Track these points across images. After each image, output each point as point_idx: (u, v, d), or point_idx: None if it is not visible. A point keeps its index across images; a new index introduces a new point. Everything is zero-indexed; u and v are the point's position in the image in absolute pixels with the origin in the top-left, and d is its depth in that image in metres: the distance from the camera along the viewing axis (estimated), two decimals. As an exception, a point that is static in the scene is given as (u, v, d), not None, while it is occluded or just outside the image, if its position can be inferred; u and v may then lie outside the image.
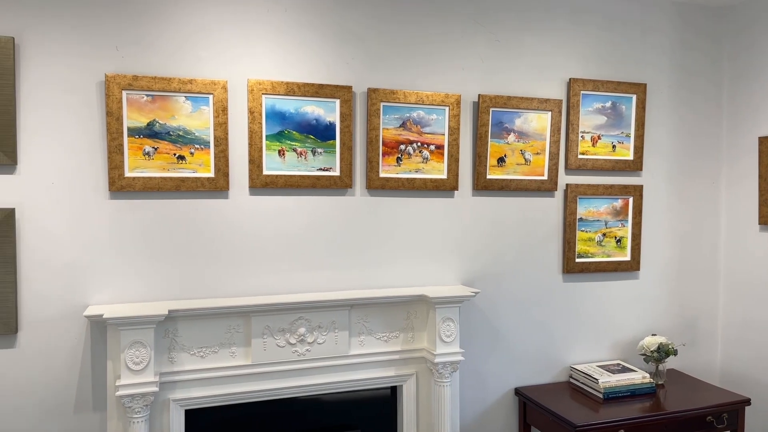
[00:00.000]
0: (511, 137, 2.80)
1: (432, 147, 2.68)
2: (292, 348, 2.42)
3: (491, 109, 2.74)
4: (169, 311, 2.17)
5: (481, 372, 2.82)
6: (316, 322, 2.44)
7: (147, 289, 2.32)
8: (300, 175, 2.49)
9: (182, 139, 2.33)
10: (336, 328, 2.47)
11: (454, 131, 2.69)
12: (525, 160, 2.83)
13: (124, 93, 2.24)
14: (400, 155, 2.63)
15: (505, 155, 2.80)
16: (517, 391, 2.87)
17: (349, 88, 2.53)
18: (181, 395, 2.28)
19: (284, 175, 2.47)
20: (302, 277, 2.53)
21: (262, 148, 2.43)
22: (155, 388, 2.14)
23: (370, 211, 2.62)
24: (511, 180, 2.80)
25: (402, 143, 2.63)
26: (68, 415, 2.24)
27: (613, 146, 2.99)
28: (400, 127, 2.63)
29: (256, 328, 2.36)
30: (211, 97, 2.35)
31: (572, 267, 2.94)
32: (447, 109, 2.67)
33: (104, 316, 2.09)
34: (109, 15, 2.24)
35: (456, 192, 2.74)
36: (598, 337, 3.05)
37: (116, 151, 2.24)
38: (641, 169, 3.05)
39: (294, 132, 2.49)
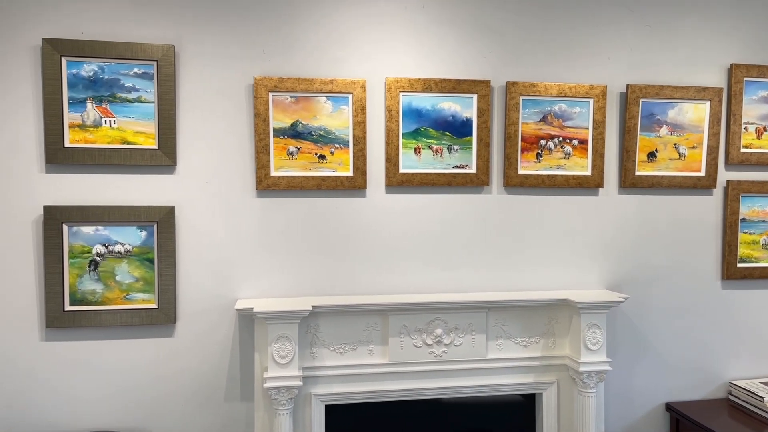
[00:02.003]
0: (663, 130, 2.58)
1: (575, 142, 2.52)
2: (429, 349, 2.37)
3: (641, 100, 2.54)
4: (313, 307, 2.21)
5: (628, 383, 2.62)
6: (452, 323, 2.38)
7: (290, 284, 2.39)
8: (435, 173, 2.44)
9: (323, 138, 2.37)
10: (473, 331, 2.40)
11: (599, 125, 2.52)
12: (679, 154, 2.59)
13: (270, 95, 2.32)
14: (540, 151, 2.51)
15: (656, 150, 2.57)
16: (669, 407, 2.64)
17: (487, 82, 2.44)
18: (322, 390, 2.31)
19: (420, 173, 2.43)
20: (437, 276, 2.48)
21: (398, 146, 2.42)
22: (299, 382, 2.19)
23: (507, 209, 2.52)
24: (662, 176, 2.58)
25: (542, 138, 2.50)
26: (219, 403, 2.36)
27: (783, 138, 2.67)
28: (540, 121, 2.50)
29: (394, 327, 2.34)
30: (350, 96, 2.37)
31: (733, 273, 2.65)
32: (591, 101, 2.51)
33: (254, 310, 2.16)
34: (256, 19, 2.33)
35: (601, 190, 2.57)
36: (762, 352, 2.73)
37: (263, 152, 2.32)
38: (817, 164, 2.70)
39: (430, 129, 2.45)
